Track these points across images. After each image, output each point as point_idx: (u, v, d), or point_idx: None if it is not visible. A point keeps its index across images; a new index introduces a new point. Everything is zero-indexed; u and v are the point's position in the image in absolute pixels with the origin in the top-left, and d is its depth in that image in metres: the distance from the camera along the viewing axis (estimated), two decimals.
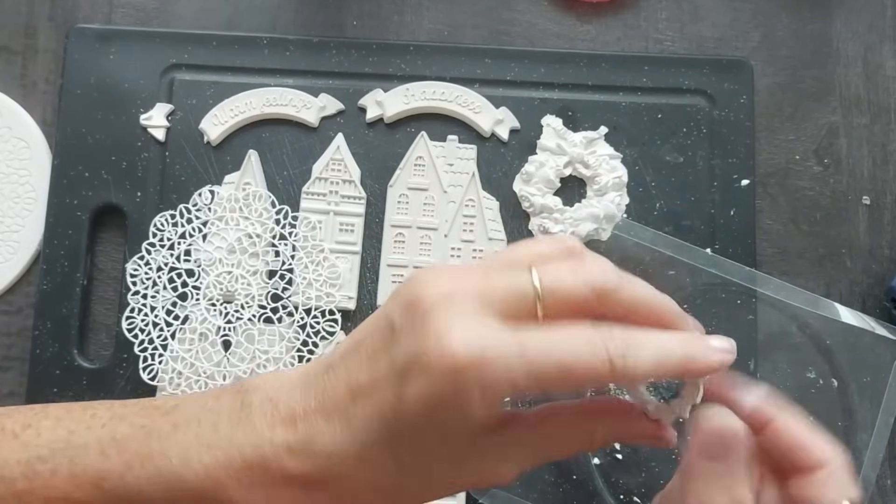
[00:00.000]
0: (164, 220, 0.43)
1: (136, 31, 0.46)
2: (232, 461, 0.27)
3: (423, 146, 0.45)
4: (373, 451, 0.26)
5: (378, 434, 0.26)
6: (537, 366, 0.24)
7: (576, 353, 0.24)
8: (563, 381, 0.24)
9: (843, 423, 0.41)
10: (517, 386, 0.24)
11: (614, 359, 0.24)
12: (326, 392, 0.27)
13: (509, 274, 0.26)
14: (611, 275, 0.26)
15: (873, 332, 0.40)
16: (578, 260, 0.27)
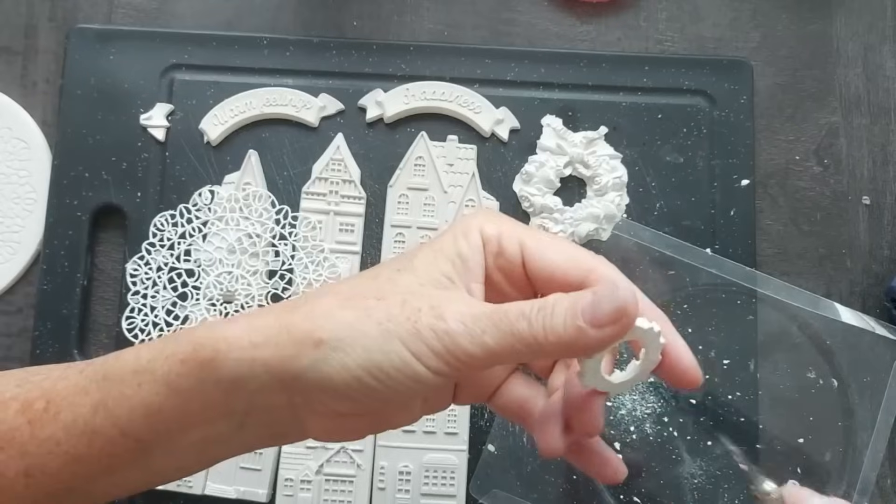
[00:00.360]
0: (164, 220, 0.43)
1: (136, 31, 0.46)
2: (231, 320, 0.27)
3: (423, 146, 0.45)
4: (371, 269, 0.29)
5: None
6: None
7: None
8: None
9: (843, 423, 0.41)
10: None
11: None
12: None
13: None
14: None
15: (873, 332, 0.40)
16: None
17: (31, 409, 0.27)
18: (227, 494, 0.40)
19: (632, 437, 0.41)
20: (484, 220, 0.29)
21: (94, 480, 0.28)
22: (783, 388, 0.42)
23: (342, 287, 0.27)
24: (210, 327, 0.27)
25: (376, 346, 0.25)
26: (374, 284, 0.27)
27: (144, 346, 0.27)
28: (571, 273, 0.28)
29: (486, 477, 0.40)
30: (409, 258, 0.28)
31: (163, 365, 0.26)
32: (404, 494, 0.41)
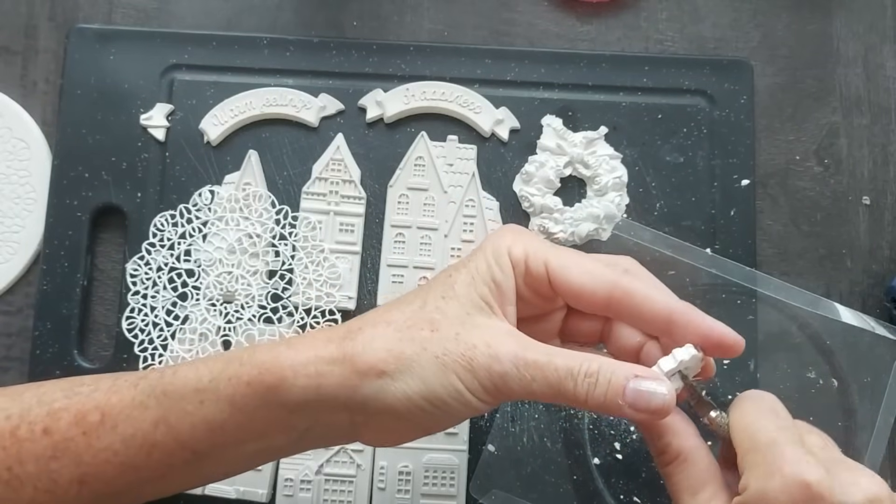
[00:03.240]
0: (164, 220, 0.43)
1: (136, 31, 0.46)
2: (280, 344, 0.29)
3: (423, 146, 0.45)
4: (409, 294, 0.31)
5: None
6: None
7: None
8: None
9: (843, 423, 0.40)
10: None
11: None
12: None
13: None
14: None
15: (873, 332, 0.40)
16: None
17: (86, 420, 0.29)
18: (227, 494, 0.40)
19: (632, 437, 0.41)
20: (511, 241, 0.31)
21: (145, 485, 0.30)
22: (783, 388, 0.42)
23: (394, 314, 0.30)
24: (274, 353, 0.29)
25: (435, 378, 0.28)
26: (423, 314, 0.29)
27: (203, 365, 0.29)
28: (596, 291, 0.30)
29: (486, 477, 0.40)
30: (450, 284, 0.30)
31: (227, 386, 0.28)
32: (404, 495, 0.41)
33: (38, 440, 0.29)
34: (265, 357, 0.28)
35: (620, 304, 0.30)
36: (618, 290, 0.30)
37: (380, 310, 0.31)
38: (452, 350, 0.28)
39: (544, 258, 0.30)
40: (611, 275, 0.30)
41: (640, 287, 0.30)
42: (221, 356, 0.30)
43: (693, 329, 0.30)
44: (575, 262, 0.30)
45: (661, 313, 0.30)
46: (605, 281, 0.30)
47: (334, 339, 0.29)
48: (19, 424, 0.29)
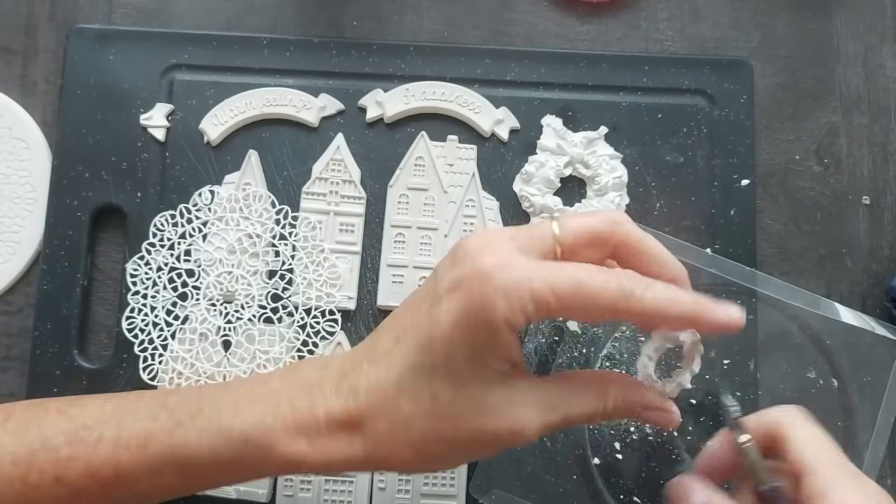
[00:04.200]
0: (164, 220, 0.43)
1: (136, 31, 0.46)
2: (281, 408, 0.29)
3: (423, 146, 0.45)
4: (409, 379, 0.28)
5: (414, 361, 0.28)
6: (554, 280, 0.27)
7: (589, 277, 0.27)
8: (577, 299, 0.27)
9: (843, 423, 0.41)
10: (536, 295, 0.27)
11: (624, 287, 0.27)
12: (375, 342, 0.30)
13: (535, 225, 0.30)
14: (620, 214, 0.30)
15: (873, 332, 0.40)
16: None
17: (100, 475, 0.30)
18: (228, 494, 0.40)
19: (632, 437, 0.41)
20: (508, 313, 0.28)
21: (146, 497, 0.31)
22: (783, 388, 0.42)
23: (405, 398, 0.29)
24: (285, 449, 0.29)
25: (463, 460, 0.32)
26: (437, 406, 0.28)
27: (219, 443, 0.29)
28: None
29: (486, 477, 0.40)
30: (450, 369, 0.28)
31: (245, 473, 0.30)
32: (404, 495, 0.41)
33: (49, 486, 0.29)
34: (282, 451, 0.29)
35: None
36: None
37: (390, 400, 0.29)
38: (476, 451, 0.30)
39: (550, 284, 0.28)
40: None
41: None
42: (236, 439, 0.30)
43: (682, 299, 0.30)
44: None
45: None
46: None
47: (356, 441, 0.29)
48: (28, 471, 0.29)
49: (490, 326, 0.27)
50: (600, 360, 0.42)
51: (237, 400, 0.30)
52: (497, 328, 0.27)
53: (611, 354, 0.42)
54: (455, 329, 0.27)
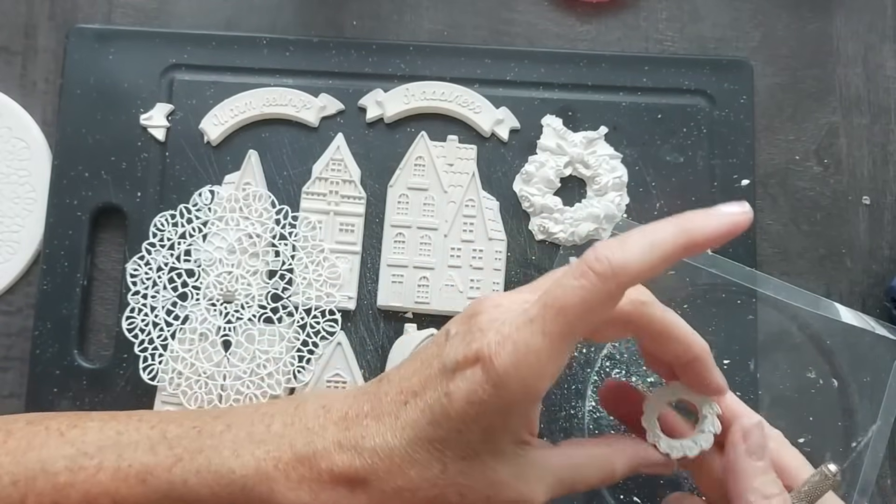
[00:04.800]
0: (164, 220, 0.43)
1: (136, 31, 0.46)
2: (283, 455, 0.29)
3: (423, 146, 0.45)
4: (419, 449, 0.27)
5: (425, 432, 0.27)
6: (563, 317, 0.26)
7: (584, 299, 0.26)
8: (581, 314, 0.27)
9: (843, 423, 0.41)
10: (554, 377, 0.27)
11: (601, 259, 0.26)
12: (379, 397, 0.29)
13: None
14: (646, 293, 0.31)
15: (873, 332, 0.40)
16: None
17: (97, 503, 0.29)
18: None
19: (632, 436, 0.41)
20: (522, 396, 0.27)
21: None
22: (783, 388, 0.42)
23: (422, 492, 0.28)
24: (286, 497, 0.28)
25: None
26: (443, 477, 0.28)
27: (218, 485, 0.29)
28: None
29: None
30: (462, 443, 0.28)
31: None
32: None
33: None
34: (281, 499, 0.28)
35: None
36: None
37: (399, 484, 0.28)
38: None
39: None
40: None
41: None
42: (241, 489, 0.29)
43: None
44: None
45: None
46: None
47: (358, 486, 0.28)
48: (27, 494, 0.29)
49: (505, 407, 0.27)
50: (600, 360, 0.42)
51: (237, 441, 0.29)
52: (511, 409, 0.27)
53: (611, 354, 0.42)
54: (469, 406, 0.27)
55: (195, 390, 0.41)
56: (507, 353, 0.26)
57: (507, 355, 0.26)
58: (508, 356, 0.26)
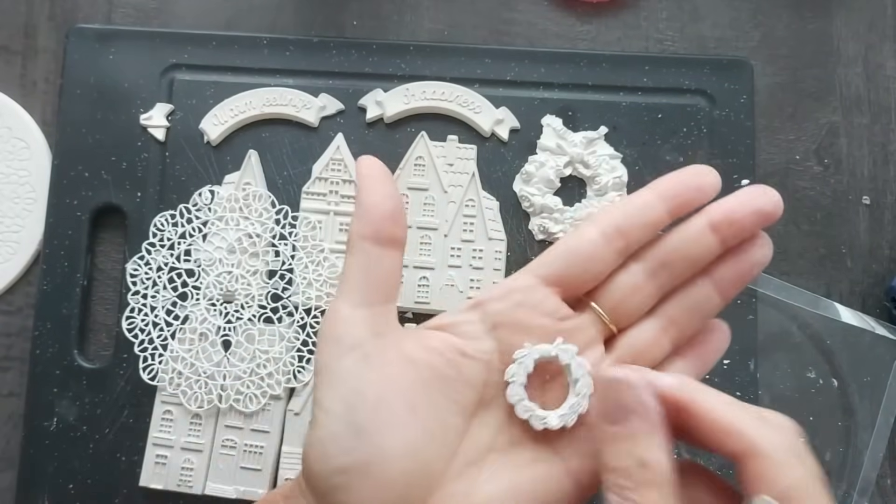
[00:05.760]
0: (164, 220, 0.43)
1: (136, 31, 0.46)
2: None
3: (423, 146, 0.45)
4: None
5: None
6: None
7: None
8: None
9: (843, 423, 0.41)
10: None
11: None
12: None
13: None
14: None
15: (873, 332, 0.40)
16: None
17: None
18: (227, 494, 0.40)
19: None
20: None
21: None
22: (783, 388, 0.42)
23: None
24: None
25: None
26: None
27: None
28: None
29: None
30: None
31: None
32: None
33: None
34: None
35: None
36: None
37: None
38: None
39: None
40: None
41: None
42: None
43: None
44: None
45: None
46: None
47: None
48: None
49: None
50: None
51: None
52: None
53: None
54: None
55: (195, 390, 0.41)
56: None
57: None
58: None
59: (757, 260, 0.29)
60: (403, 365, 0.28)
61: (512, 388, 0.28)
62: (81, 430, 0.42)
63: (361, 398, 0.26)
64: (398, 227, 0.29)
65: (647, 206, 0.29)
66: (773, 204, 0.28)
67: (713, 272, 0.29)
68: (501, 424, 0.29)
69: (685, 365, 0.30)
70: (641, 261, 0.30)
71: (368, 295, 0.28)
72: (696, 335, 0.30)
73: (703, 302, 0.29)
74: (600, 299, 0.30)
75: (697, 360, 0.30)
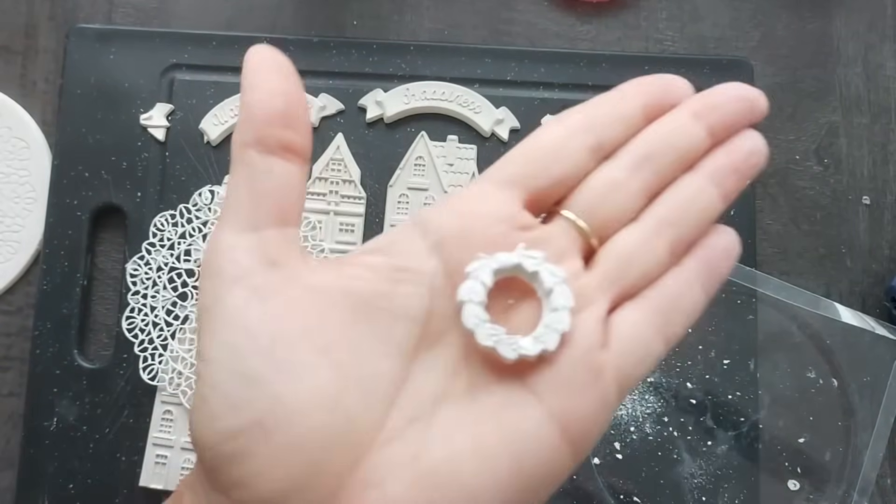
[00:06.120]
0: (164, 220, 0.43)
1: (136, 31, 0.46)
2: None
3: (423, 146, 0.45)
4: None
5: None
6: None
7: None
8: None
9: (843, 423, 0.41)
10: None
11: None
12: None
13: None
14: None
15: (873, 332, 0.40)
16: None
17: None
18: None
19: (632, 437, 0.41)
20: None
21: None
22: (783, 387, 0.42)
23: None
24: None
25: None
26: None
27: None
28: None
29: None
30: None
31: None
32: None
33: None
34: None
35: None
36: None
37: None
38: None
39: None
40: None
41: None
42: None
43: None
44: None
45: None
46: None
47: None
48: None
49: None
50: None
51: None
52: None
53: None
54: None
55: (195, 390, 0.41)
56: None
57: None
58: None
59: (750, 148, 0.24)
60: (310, 296, 0.21)
61: (468, 309, 0.21)
62: (81, 430, 0.42)
63: (251, 338, 0.20)
64: (293, 129, 0.22)
65: (618, 100, 0.25)
66: (755, 93, 0.24)
67: (705, 165, 0.24)
68: (453, 365, 0.22)
69: (688, 274, 0.24)
70: (619, 158, 0.24)
71: (255, 216, 0.22)
72: (697, 240, 0.24)
73: (699, 196, 0.24)
74: (572, 206, 0.24)
75: (704, 268, 0.24)
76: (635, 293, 0.23)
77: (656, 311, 0.23)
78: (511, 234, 0.23)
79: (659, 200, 0.24)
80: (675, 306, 0.24)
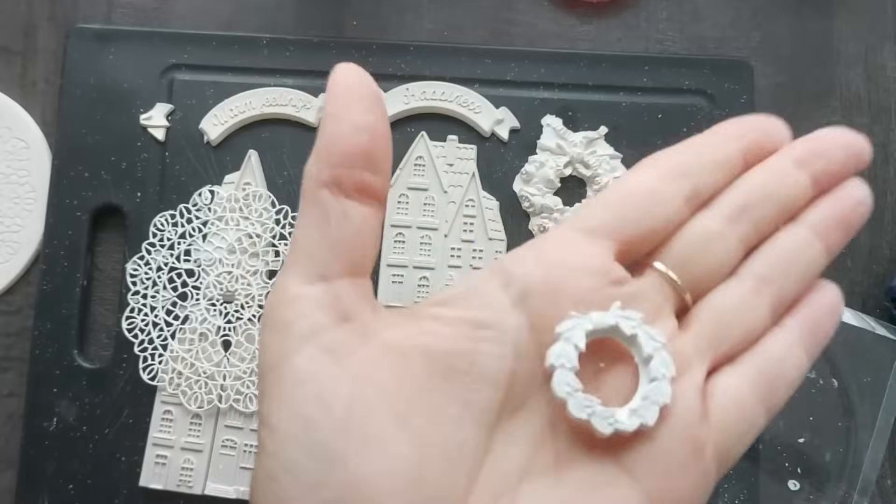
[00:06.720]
0: (164, 220, 0.43)
1: (136, 31, 0.46)
2: None
3: (423, 146, 0.45)
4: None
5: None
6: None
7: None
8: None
9: (843, 424, 0.41)
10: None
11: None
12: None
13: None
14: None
15: (873, 332, 0.40)
16: None
17: None
18: (227, 494, 0.40)
19: None
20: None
21: None
22: None
23: None
24: None
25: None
26: None
27: None
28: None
29: None
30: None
31: None
32: None
33: None
34: None
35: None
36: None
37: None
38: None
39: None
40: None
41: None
42: None
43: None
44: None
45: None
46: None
47: None
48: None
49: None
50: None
51: None
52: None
53: None
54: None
55: (195, 390, 0.41)
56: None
57: None
58: None
59: (858, 198, 0.23)
60: (386, 357, 0.19)
61: (560, 376, 0.19)
62: (81, 430, 0.42)
63: (326, 409, 0.18)
64: (374, 171, 0.20)
65: (716, 143, 0.24)
66: (861, 140, 0.23)
67: (808, 217, 0.23)
68: (539, 434, 0.20)
69: (791, 336, 0.22)
70: (715, 208, 0.22)
71: (326, 265, 0.20)
72: (800, 299, 0.23)
73: (802, 250, 0.23)
74: (665, 259, 0.22)
75: (807, 329, 0.22)
76: (734, 357, 0.21)
77: (759, 379, 0.21)
78: (604, 290, 0.21)
79: (758, 254, 0.22)
80: (778, 373, 0.22)
